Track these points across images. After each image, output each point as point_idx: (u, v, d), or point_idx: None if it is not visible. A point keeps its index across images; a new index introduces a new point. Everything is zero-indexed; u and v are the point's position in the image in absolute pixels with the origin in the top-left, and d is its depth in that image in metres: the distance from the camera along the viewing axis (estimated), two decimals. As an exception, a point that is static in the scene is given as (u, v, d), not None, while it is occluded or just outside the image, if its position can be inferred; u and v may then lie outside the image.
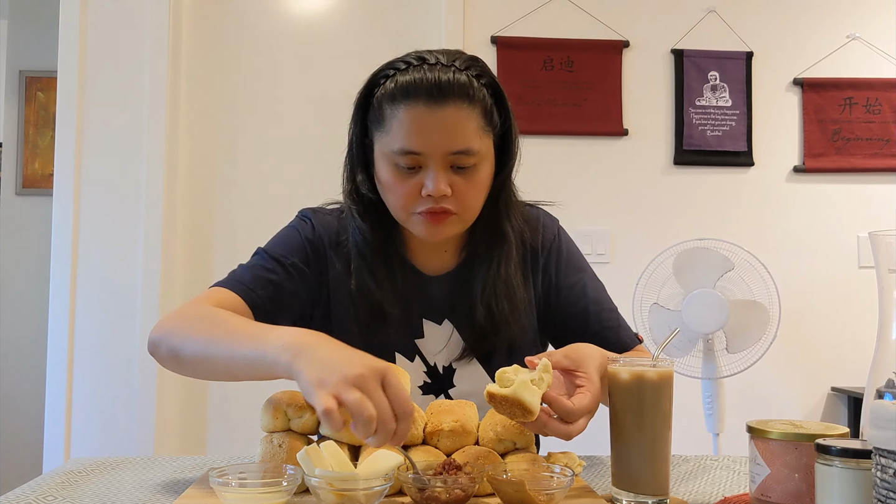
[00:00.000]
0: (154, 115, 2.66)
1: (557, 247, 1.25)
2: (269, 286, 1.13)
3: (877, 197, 2.86)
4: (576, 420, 0.90)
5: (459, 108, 1.05)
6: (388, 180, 1.10)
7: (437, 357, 1.20)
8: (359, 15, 2.86)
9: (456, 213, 1.09)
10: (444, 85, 1.04)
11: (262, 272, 1.14)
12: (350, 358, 0.82)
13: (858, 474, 0.67)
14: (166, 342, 1.02)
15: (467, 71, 1.07)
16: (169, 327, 1.04)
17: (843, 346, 2.79)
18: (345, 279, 1.18)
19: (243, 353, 0.91)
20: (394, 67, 1.09)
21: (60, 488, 0.95)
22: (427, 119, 1.04)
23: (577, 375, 0.94)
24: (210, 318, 1.02)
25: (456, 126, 1.05)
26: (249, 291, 1.11)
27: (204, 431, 2.75)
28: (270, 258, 1.16)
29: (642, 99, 2.83)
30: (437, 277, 1.21)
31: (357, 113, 1.14)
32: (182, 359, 1.01)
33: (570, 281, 1.23)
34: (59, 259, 2.62)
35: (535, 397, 0.87)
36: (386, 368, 0.82)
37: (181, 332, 1.02)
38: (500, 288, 1.16)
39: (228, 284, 1.12)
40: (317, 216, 1.22)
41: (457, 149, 1.06)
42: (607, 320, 1.22)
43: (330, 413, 0.76)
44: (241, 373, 0.94)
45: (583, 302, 1.22)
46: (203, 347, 0.98)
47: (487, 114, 1.09)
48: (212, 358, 0.96)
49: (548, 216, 1.28)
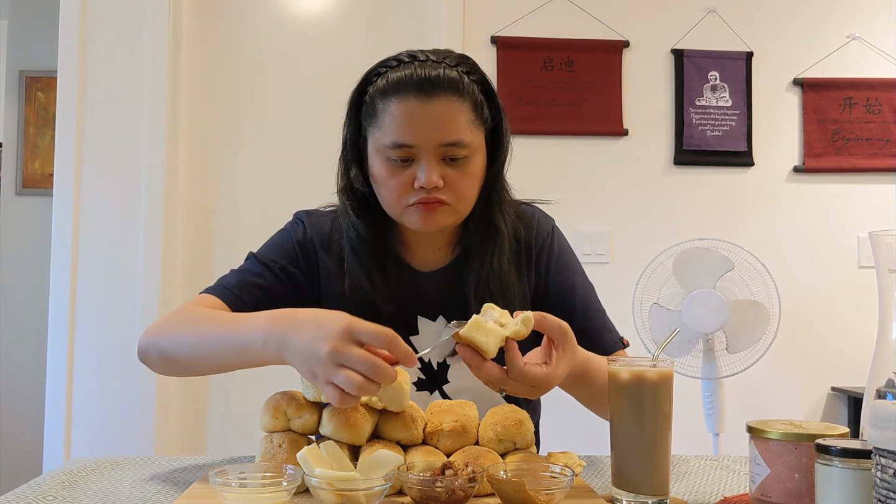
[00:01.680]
0: (154, 115, 2.66)
1: (550, 244, 1.26)
2: (255, 290, 1.15)
3: (877, 197, 2.86)
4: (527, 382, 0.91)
5: (450, 102, 1.08)
6: (381, 174, 1.12)
7: (431, 354, 1.20)
8: (359, 15, 2.86)
9: (449, 203, 1.11)
10: (433, 79, 1.07)
11: (250, 277, 1.17)
12: (316, 334, 0.85)
13: (858, 474, 0.67)
14: (155, 347, 1.07)
15: (457, 67, 1.10)
16: (155, 333, 1.08)
17: (843, 346, 2.79)
18: (337, 278, 1.19)
19: (232, 343, 0.97)
20: (385, 65, 1.12)
21: (60, 488, 0.95)
22: (418, 112, 1.07)
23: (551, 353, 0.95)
24: (194, 317, 1.06)
25: (447, 119, 1.07)
26: (235, 297, 1.14)
27: (204, 431, 2.75)
28: (259, 263, 1.19)
29: (642, 99, 2.83)
30: (431, 274, 1.22)
31: (350, 111, 1.17)
32: (173, 359, 1.06)
33: (560, 278, 1.24)
34: (59, 259, 2.62)
35: (488, 338, 0.89)
36: (347, 324, 0.85)
37: (168, 334, 1.06)
38: (493, 283, 1.17)
39: (215, 291, 1.15)
40: (310, 218, 1.24)
41: (448, 140, 1.08)
42: (592, 319, 1.23)
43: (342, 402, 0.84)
44: (231, 363, 1.00)
45: (570, 300, 1.22)
46: (192, 344, 1.03)
47: (478, 108, 1.11)
48: (202, 352, 1.01)
49: (543, 214, 1.29)
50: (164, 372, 1.10)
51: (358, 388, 0.82)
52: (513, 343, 0.91)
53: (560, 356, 0.94)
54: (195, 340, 1.02)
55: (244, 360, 0.97)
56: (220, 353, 0.99)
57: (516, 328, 0.90)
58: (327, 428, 0.94)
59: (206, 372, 1.07)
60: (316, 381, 0.85)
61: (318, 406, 0.97)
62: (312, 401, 0.96)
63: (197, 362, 1.04)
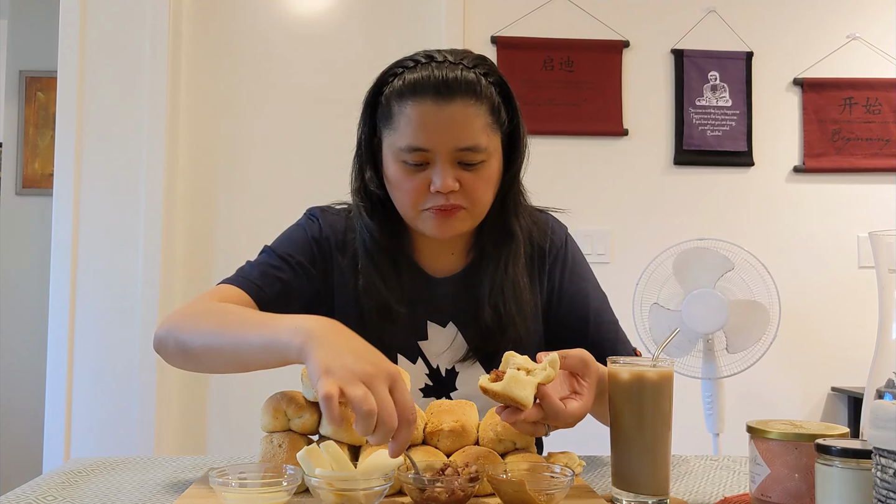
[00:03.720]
0: (154, 115, 2.66)
1: (564, 253, 1.25)
2: (276, 283, 1.13)
3: (877, 197, 2.86)
4: (560, 423, 0.91)
5: (466, 105, 1.06)
6: (396, 177, 1.10)
7: (439, 360, 1.20)
8: (359, 15, 2.86)
9: (465, 207, 1.09)
10: (451, 82, 1.05)
11: (270, 269, 1.14)
12: (363, 352, 0.83)
13: (858, 474, 0.67)
14: (174, 336, 1.01)
15: (475, 69, 1.08)
16: (175, 322, 1.03)
17: (843, 346, 2.79)
18: (350, 279, 1.18)
19: (253, 340, 0.91)
20: (402, 66, 1.10)
21: (60, 488, 0.95)
22: (434, 115, 1.05)
23: (580, 382, 0.95)
24: (217, 311, 1.02)
25: (463, 122, 1.06)
26: (257, 288, 1.11)
27: (204, 431, 2.75)
28: (277, 256, 1.16)
29: (642, 99, 2.82)
30: (444, 280, 1.21)
31: (366, 111, 1.15)
32: (190, 352, 1.00)
33: (574, 289, 1.23)
34: (59, 259, 2.62)
35: (526, 391, 0.87)
36: (397, 374, 0.82)
37: (188, 326, 1.01)
38: (507, 288, 1.16)
39: (236, 281, 1.12)
40: (324, 216, 1.22)
41: (464, 145, 1.06)
42: (606, 332, 1.22)
43: (329, 399, 0.76)
44: (252, 360, 0.93)
45: (583, 311, 1.21)
46: (212, 338, 0.97)
47: (495, 111, 1.09)
48: (221, 348, 0.96)
49: (557, 222, 1.29)
50: (178, 364, 1.04)
51: (364, 414, 0.76)
52: (545, 389, 0.89)
53: (589, 385, 0.94)
54: (218, 336, 0.96)
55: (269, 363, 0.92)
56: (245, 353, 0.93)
57: (546, 373, 0.89)
58: (327, 428, 0.94)
59: (223, 370, 1.02)
60: (325, 374, 0.79)
61: (318, 406, 0.96)
62: (312, 401, 0.96)
63: (217, 359, 0.98)
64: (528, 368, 0.90)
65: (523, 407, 0.88)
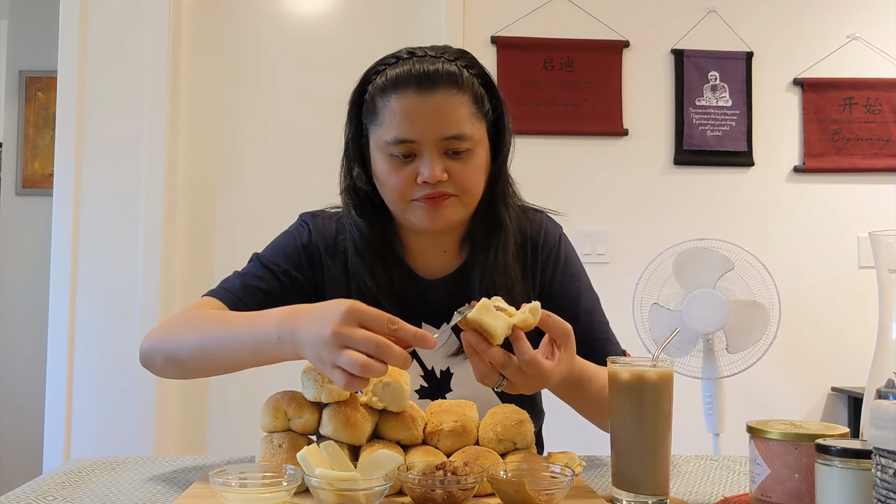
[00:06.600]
0: (154, 115, 2.66)
1: (557, 252, 1.25)
2: (257, 294, 1.15)
3: (877, 197, 2.86)
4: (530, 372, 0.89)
5: (449, 95, 1.07)
6: (383, 171, 1.11)
7: (434, 361, 1.20)
8: (359, 16, 2.86)
9: (455, 195, 1.10)
10: (432, 74, 1.07)
11: (253, 280, 1.16)
12: (321, 320, 0.84)
13: (858, 474, 0.67)
14: (160, 349, 1.05)
15: (456, 61, 1.10)
16: (159, 336, 1.07)
17: (843, 346, 2.79)
18: (341, 284, 1.18)
19: (244, 341, 0.95)
20: (384, 63, 1.12)
21: (60, 488, 0.95)
22: (418, 107, 1.07)
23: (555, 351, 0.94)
24: (199, 317, 1.05)
25: (447, 112, 1.07)
26: (237, 301, 1.13)
27: (204, 431, 2.75)
28: (262, 266, 1.18)
29: (642, 99, 2.82)
30: (437, 281, 1.21)
31: (351, 110, 1.16)
32: (180, 360, 1.04)
33: (565, 289, 1.24)
34: (59, 259, 2.62)
35: (497, 322, 0.87)
36: (349, 306, 0.84)
37: (173, 336, 1.05)
38: (498, 277, 1.16)
39: (217, 293, 1.15)
40: (315, 221, 1.23)
41: (449, 134, 1.07)
42: (596, 332, 1.22)
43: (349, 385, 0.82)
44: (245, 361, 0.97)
45: (574, 311, 1.21)
46: (199, 344, 1.01)
47: (478, 101, 1.11)
48: (212, 352, 0.99)
49: (551, 221, 1.29)
50: (169, 375, 1.08)
51: (362, 367, 0.80)
52: (520, 331, 0.90)
53: (562, 356, 0.94)
54: (204, 341, 1.00)
55: (257, 359, 0.96)
56: (231, 352, 0.97)
57: (524, 316, 0.89)
58: (327, 428, 0.94)
59: (214, 372, 1.05)
60: (324, 366, 0.84)
61: (318, 406, 0.97)
62: (312, 401, 0.96)
63: (205, 363, 1.02)
64: (510, 313, 0.90)
65: (491, 339, 0.87)
